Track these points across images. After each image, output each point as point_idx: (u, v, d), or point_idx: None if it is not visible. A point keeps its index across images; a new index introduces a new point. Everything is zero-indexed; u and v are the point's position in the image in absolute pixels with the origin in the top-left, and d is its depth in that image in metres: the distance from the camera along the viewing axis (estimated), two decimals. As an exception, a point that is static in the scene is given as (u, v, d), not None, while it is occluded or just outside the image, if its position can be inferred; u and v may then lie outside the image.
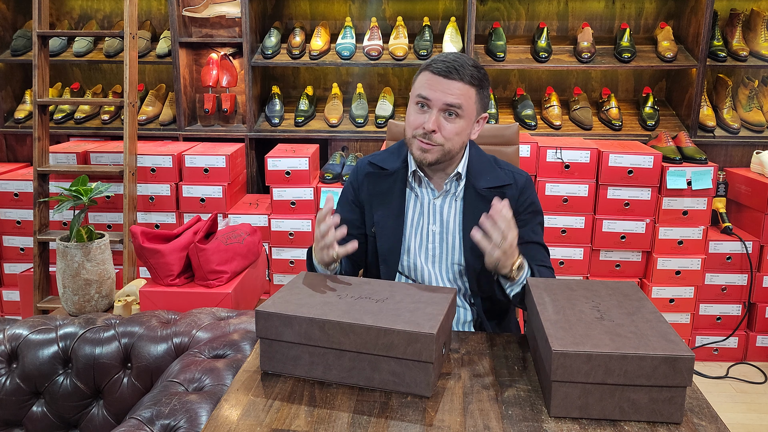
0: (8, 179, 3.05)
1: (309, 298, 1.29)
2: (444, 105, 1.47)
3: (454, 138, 1.50)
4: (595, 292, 1.34)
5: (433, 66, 1.49)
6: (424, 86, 1.49)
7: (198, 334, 1.53)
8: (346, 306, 1.25)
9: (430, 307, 1.25)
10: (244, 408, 1.14)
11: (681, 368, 1.06)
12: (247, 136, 3.29)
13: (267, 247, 2.94)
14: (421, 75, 1.52)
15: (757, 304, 2.95)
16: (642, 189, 2.82)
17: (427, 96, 1.48)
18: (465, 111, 1.49)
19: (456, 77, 1.47)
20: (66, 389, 1.51)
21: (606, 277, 2.93)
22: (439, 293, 1.34)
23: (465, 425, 1.09)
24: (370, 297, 1.30)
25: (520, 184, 1.60)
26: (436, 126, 1.48)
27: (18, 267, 3.10)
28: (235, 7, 3.20)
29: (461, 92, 1.47)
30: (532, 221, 1.63)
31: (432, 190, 1.61)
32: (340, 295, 1.30)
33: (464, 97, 1.48)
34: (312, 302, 1.27)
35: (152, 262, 1.95)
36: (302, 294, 1.31)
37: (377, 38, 3.23)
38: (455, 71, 1.47)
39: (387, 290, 1.35)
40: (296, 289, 1.34)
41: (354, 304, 1.26)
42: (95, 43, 3.39)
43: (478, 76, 1.50)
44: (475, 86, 1.50)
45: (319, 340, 1.20)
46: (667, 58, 3.14)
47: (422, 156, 1.52)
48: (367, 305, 1.25)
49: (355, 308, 1.24)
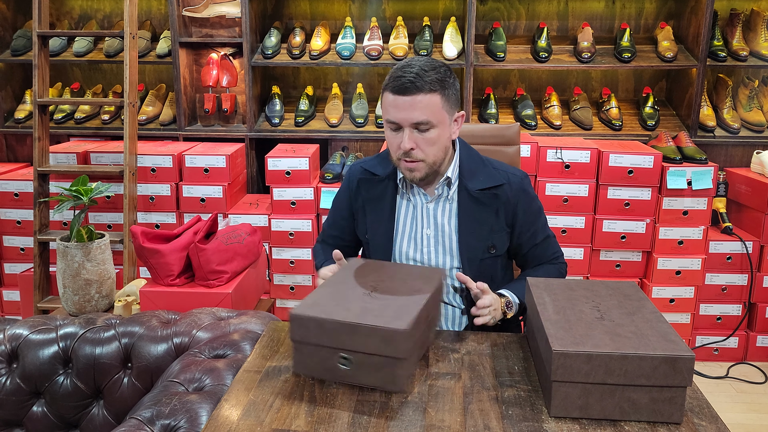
0: (8, 179, 3.05)
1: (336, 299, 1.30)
2: (413, 125, 1.47)
3: (432, 149, 1.50)
4: (595, 292, 1.34)
5: (390, 85, 1.47)
6: (389, 109, 1.49)
7: (198, 334, 1.53)
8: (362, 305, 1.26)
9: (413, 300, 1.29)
10: (244, 408, 1.14)
11: (681, 368, 1.06)
12: (247, 136, 3.29)
13: (267, 247, 2.94)
14: (384, 96, 1.51)
15: (757, 304, 2.95)
16: (642, 189, 2.82)
17: (394, 119, 1.48)
18: (435, 120, 1.47)
19: (414, 91, 1.44)
20: (66, 389, 1.51)
21: (606, 277, 2.93)
22: (424, 280, 1.40)
23: (465, 425, 1.08)
24: (380, 287, 1.35)
25: (515, 184, 1.59)
26: (413, 143, 1.48)
27: (18, 267, 3.10)
28: (235, 7, 3.20)
29: (424, 104, 1.45)
30: (538, 220, 1.64)
31: (424, 195, 1.61)
32: (360, 291, 1.33)
33: (429, 109, 1.46)
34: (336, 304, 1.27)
35: (152, 262, 1.96)
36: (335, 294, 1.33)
37: (377, 38, 3.23)
38: (412, 85, 1.44)
39: (390, 276, 1.40)
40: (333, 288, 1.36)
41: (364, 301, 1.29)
42: (95, 43, 3.39)
43: (437, 79, 1.47)
44: (436, 91, 1.46)
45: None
46: (668, 58, 3.14)
47: (411, 175, 1.53)
48: (373, 301, 1.28)
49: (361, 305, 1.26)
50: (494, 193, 1.56)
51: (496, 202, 1.57)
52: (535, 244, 1.63)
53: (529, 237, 1.62)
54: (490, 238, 1.57)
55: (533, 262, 1.67)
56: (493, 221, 1.57)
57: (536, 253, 1.65)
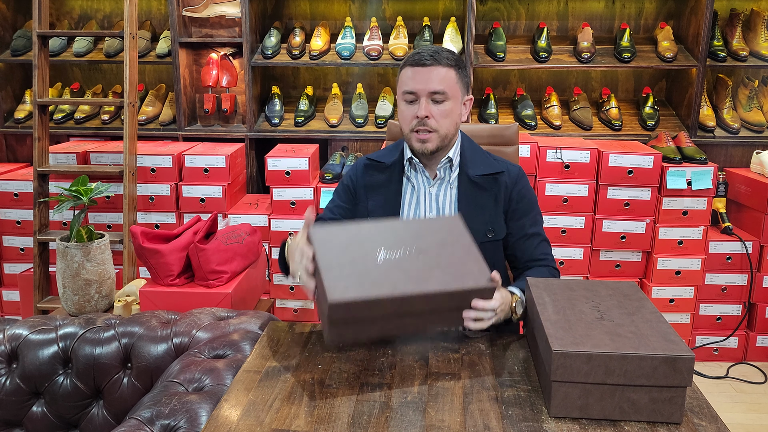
0: (8, 179, 3.05)
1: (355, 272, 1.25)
2: (429, 93, 1.55)
3: (446, 122, 1.58)
4: (595, 292, 1.34)
5: (410, 60, 1.58)
6: (407, 81, 1.57)
7: (198, 334, 1.53)
8: (398, 272, 1.25)
9: (466, 253, 1.31)
10: (244, 408, 1.14)
11: (681, 368, 1.06)
12: (247, 136, 3.29)
13: (267, 247, 2.94)
14: (402, 73, 1.61)
15: (757, 304, 2.95)
16: (642, 189, 2.82)
17: (412, 89, 1.56)
18: (450, 93, 1.56)
19: (434, 63, 1.55)
20: (66, 389, 1.51)
21: (606, 277, 2.93)
22: (452, 232, 1.36)
23: (465, 425, 1.08)
24: (403, 250, 1.31)
25: (513, 173, 1.66)
26: (428, 112, 1.56)
27: (18, 267, 3.10)
28: (235, 7, 3.20)
29: (441, 76, 1.55)
30: (531, 211, 1.67)
31: (427, 178, 1.66)
32: (379, 258, 1.29)
33: (446, 80, 1.56)
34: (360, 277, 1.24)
35: (152, 262, 1.96)
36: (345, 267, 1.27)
37: (377, 38, 3.23)
38: (431, 58, 1.55)
39: (406, 236, 1.35)
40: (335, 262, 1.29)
41: (402, 266, 1.27)
42: (95, 43, 3.39)
43: (454, 58, 1.59)
44: (453, 67, 1.57)
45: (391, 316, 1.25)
46: (667, 58, 3.14)
47: (422, 147, 1.59)
48: (413, 263, 1.27)
49: (407, 272, 1.25)
50: (494, 177, 1.63)
51: (495, 188, 1.62)
52: (525, 234, 1.64)
53: (519, 226, 1.64)
54: (489, 222, 1.61)
55: (522, 257, 1.65)
56: (492, 206, 1.62)
57: (525, 246, 1.65)
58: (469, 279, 1.26)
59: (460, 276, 1.26)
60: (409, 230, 1.37)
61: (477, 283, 1.26)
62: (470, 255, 1.31)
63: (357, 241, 1.31)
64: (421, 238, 1.33)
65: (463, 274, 1.27)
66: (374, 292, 1.19)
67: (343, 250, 1.28)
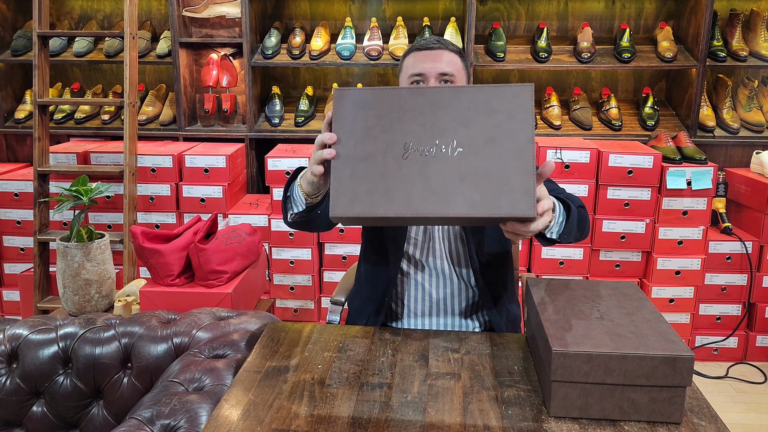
0: (8, 179, 3.05)
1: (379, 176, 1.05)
2: (439, 74, 1.49)
3: None
4: (595, 292, 1.34)
5: (415, 47, 1.54)
6: (415, 64, 1.51)
7: (198, 334, 1.53)
8: (424, 180, 1.04)
9: (514, 158, 1.04)
10: (244, 408, 1.14)
11: (681, 368, 1.06)
12: (247, 136, 3.29)
13: (267, 247, 2.94)
14: (406, 59, 1.55)
15: (756, 304, 2.95)
16: (642, 189, 2.82)
17: (421, 71, 1.49)
18: (458, 78, 1.52)
19: (441, 47, 1.52)
20: (66, 389, 1.51)
21: (606, 277, 2.93)
22: (507, 122, 1.06)
23: (465, 425, 1.09)
24: (431, 147, 1.06)
25: None
26: None
27: (18, 267, 3.10)
28: (235, 7, 3.20)
29: (450, 59, 1.51)
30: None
31: None
32: (406, 152, 1.07)
33: (454, 65, 1.51)
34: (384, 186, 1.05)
35: (152, 262, 1.96)
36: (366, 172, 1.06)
37: (377, 38, 3.23)
38: (438, 42, 1.53)
39: (449, 118, 1.08)
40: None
41: (428, 168, 1.04)
42: (95, 43, 3.39)
43: (458, 48, 1.57)
44: (459, 55, 1.55)
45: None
46: (667, 58, 3.14)
47: None
48: (444, 166, 1.04)
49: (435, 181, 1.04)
50: None
51: None
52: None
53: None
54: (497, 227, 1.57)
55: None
56: None
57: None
58: (505, 203, 1.01)
59: (495, 196, 1.02)
60: (457, 109, 1.08)
61: (514, 211, 1.02)
62: (518, 162, 1.02)
63: (387, 120, 1.07)
64: (467, 125, 1.06)
65: (500, 193, 1.02)
66: (382, 210, 1.03)
67: (365, 137, 1.06)
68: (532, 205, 1.04)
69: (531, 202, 1.03)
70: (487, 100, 1.08)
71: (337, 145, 1.10)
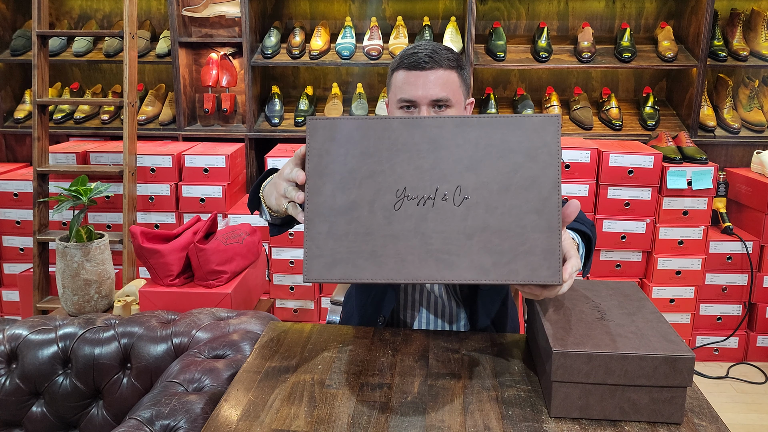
0: (8, 179, 3.05)
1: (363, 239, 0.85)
2: (431, 102, 1.35)
3: None
4: (595, 292, 1.33)
5: (405, 62, 1.35)
6: (403, 87, 1.35)
7: (198, 334, 1.53)
8: (418, 243, 0.83)
9: (537, 212, 0.82)
10: (244, 408, 1.14)
11: (681, 368, 1.06)
12: (246, 136, 3.28)
13: (267, 247, 2.93)
14: (395, 75, 1.38)
15: (757, 304, 2.95)
16: (642, 189, 2.82)
17: (410, 98, 1.35)
18: (453, 99, 1.36)
19: (433, 65, 1.34)
20: (66, 389, 1.51)
21: (606, 277, 2.93)
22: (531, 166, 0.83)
23: (465, 425, 1.08)
24: (439, 192, 0.84)
25: None
26: None
27: (18, 267, 3.10)
28: (235, 6, 3.20)
29: (443, 80, 1.34)
30: None
31: None
32: (398, 202, 0.85)
33: (448, 86, 1.35)
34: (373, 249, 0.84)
35: (152, 262, 1.95)
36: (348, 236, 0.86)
37: (377, 38, 3.23)
38: (430, 59, 1.33)
39: (452, 163, 0.86)
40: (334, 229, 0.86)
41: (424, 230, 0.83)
42: (95, 42, 3.39)
43: (454, 57, 1.38)
44: (454, 69, 1.37)
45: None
46: (668, 57, 3.13)
47: None
48: (447, 221, 0.83)
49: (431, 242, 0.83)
50: None
51: None
52: None
53: None
54: None
55: None
56: None
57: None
58: (522, 268, 0.82)
59: (510, 260, 0.81)
60: (463, 147, 0.84)
61: (534, 278, 0.84)
62: (541, 217, 0.83)
63: (375, 159, 0.84)
64: (476, 168, 0.83)
65: (516, 255, 0.82)
66: (369, 275, 0.85)
67: (346, 183, 0.83)
68: (558, 269, 0.86)
69: (556, 266, 0.85)
70: (502, 136, 0.86)
71: (311, 192, 0.87)
